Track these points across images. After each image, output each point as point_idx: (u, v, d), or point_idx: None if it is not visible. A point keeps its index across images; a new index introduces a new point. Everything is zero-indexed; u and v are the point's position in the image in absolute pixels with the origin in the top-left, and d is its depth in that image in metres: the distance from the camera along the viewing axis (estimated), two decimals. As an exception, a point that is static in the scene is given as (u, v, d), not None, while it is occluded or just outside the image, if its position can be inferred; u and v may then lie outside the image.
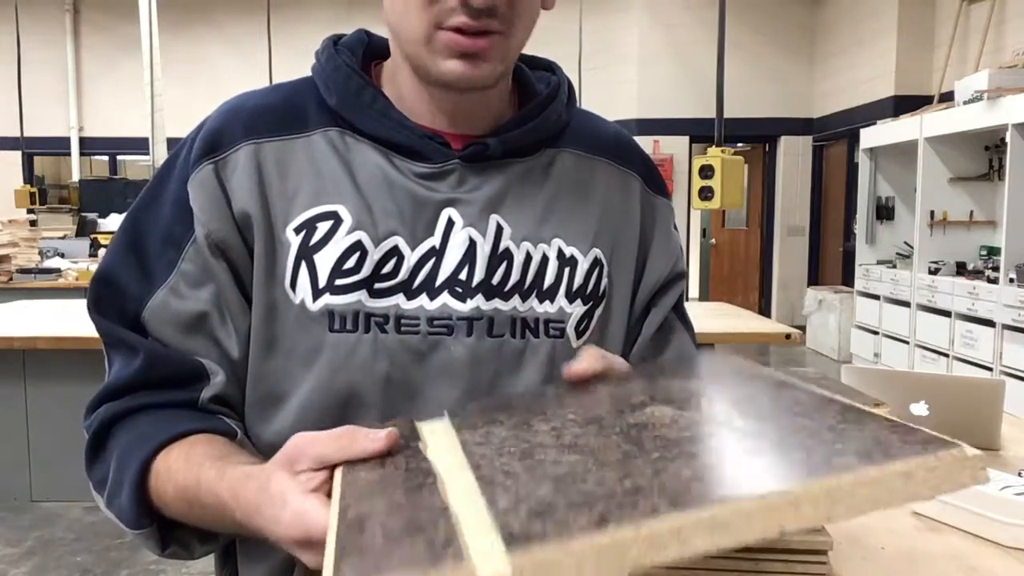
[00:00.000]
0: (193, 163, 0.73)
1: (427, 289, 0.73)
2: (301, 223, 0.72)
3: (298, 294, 0.72)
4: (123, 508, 0.67)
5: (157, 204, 0.75)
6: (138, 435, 0.69)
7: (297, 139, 0.74)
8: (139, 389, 0.72)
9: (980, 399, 1.69)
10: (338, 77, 0.76)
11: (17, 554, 3.35)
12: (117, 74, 10.33)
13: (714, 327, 3.63)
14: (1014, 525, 1.22)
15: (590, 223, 0.80)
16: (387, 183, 0.74)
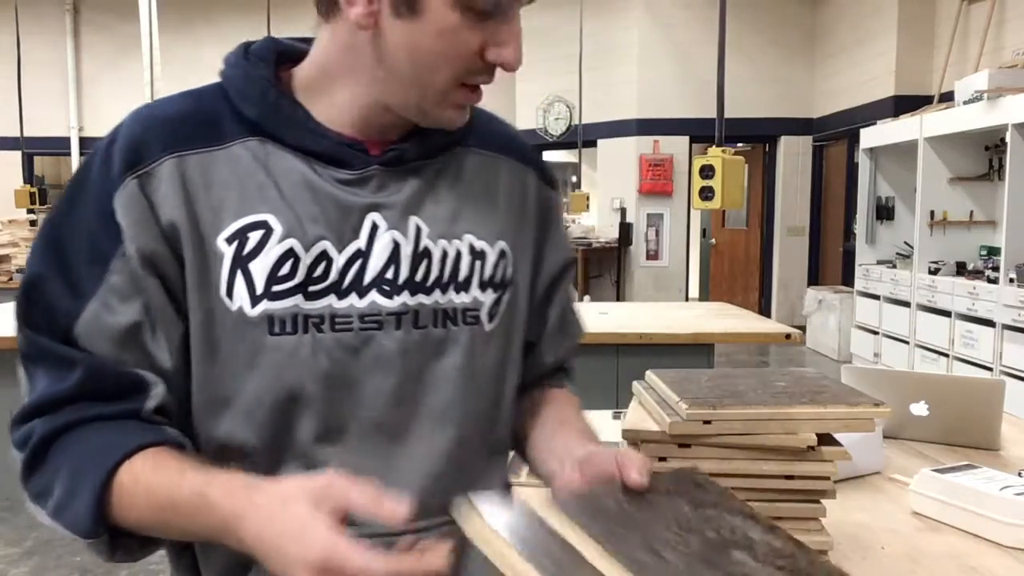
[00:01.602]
0: (117, 177, 0.74)
1: (356, 289, 0.78)
2: (232, 233, 0.75)
3: (235, 301, 0.75)
4: (79, 517, 0.69)
5: (77, 214, 0.76)
6: (93, 447, 0.71)
7: (218, 151, 0.76)
8: (77, 402, 0.73)
9: (980, 399, 1.69)
10: (255, 90, 0.78)
11: (17, 554, 3.35)
12: (117, 74, 10.33)
13: (714, 327, 3.63)
14: (1014, 525, 1.22)
15: (496, 217, 0.87)
16: (311, 190, 0.77)
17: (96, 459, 0.70)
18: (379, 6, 0.73)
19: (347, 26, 0.75)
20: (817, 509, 1.03)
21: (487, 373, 0.86)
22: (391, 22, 0.73)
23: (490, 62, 0.76)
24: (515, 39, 0.76)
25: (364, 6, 0.73)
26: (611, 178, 9.54)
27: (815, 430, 1.00)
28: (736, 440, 1.00)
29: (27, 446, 0.73)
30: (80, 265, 0.74)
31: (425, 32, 0.73)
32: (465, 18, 0.73)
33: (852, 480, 1.49)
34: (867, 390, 1.76)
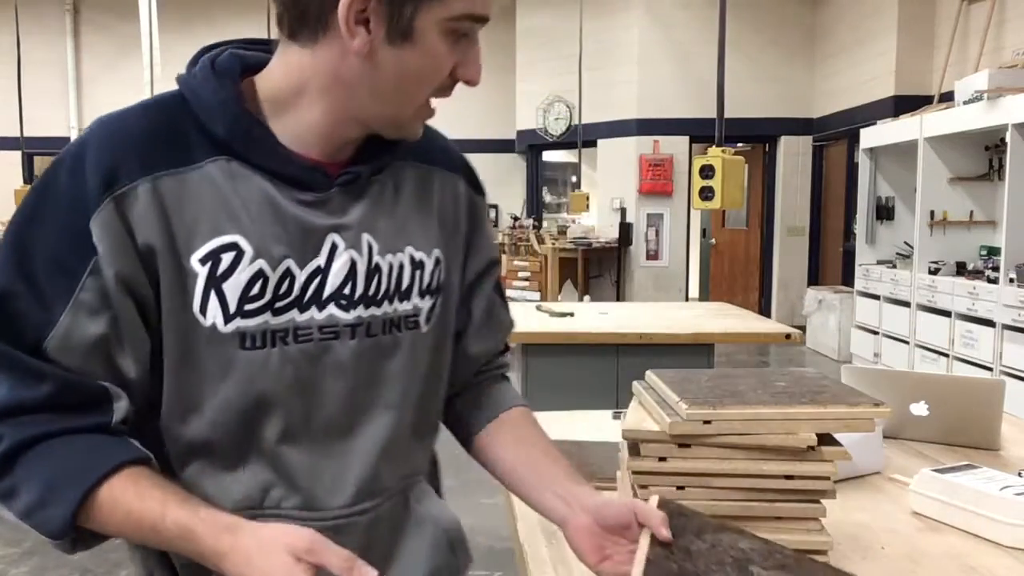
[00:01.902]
0: (94, 198, 0.76)
1: (316, 302, 0.84)
2: (205, 254, 0.79)
3: (208, 318, 0.80)
4: (51, 523, 0.75)
5: (44, 226, 0.77)
6: (70, 464, 0.76)
7: (191, 171, 0.80)
8: (44, 412, 0.77)
9: (980, 399, 1.69)
10: (225, 111, 0.81)
11: (17, 554, 3.35)
12: (117, 74, 10.33)
13: (714, 327, 3.63)
14: (1014, 525, 1.22)
15: (431, 227, 0.94)
16: (275, 211, 0.82)
17: (74, 476, 0.75)
18: (375, 35, 0.78)
19: (334, 51, 0.79)
20: (817, 509, 1.03)
21: (424, 369, 0.94)
22: (385, 49, 0.79)
23: (458, 79, 0.84)
24: (477, 57, 0.84)
25: (364, 35, 0.78)
26: (611, 178, 9.54)
27: (815, 430, 1.00)
28: (736, 440, 1.01)
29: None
30: (48, 278, 0.76)
31: (415, 57, 0.79)
32: (447, 42, 0.80)
33: (852, 480, 1.49)
34: (867, 390, 1.76)
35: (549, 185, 12.21)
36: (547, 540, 1.26)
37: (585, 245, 9.00)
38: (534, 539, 1.27)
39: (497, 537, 3.30)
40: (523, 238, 9.39)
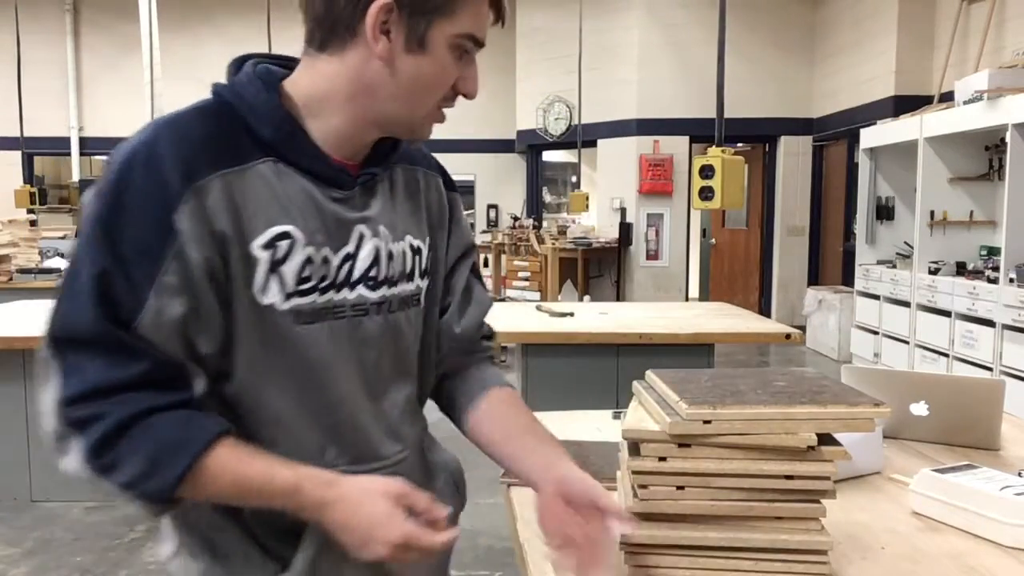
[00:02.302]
0: (177, 191, 0.86)
1: (347, 284, 0.98)
2: (266, 242, 0.91)
3: (269, 298, 0.91)
4: (155, 493, 0.85)
5: (128, 216, 0.86)
6: (173, 437, 0.86)
7: (247, 169, 0.91)
8: (140, 389, 0.85)
9: (980, 399, 1.69)
10: (275, 117, 0.94)
11: (17, 554, 3.35)
12: (117, 74, 10.34)
13: (714, 327, 3.63)
14: (1014, 525, 1.22)
15: (422, 219, 1.10)
16: (315, 206, 0.95)
17: (179, 448, 0.85)
18: (395, 43, 0.91)
19: (358, 58, 0.93)
20: (817, 509, 1.02)
21: (422, 340, 1.11)
22: (403, 56, 0.92)
23: (459, 91, 0.98)
24: (475, 74, 0.99)
25: (386, 43, 0.91)
26: (611, 178, 9.54)
27: (815, 430, 1.00)
28: (736, 440, 1.01)
29: (93, 427, 0.84)
30: (136, 263, 0.85)
31: (427, 65, 0.93)
32: (453, 56, 0.94)
33: (852, 480, 1.49)
34: (867, 390, 1.76)
35: (549, 185, 12.21)
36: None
37: (585, 245, 9.00)
38: (534, 539, 1.27)
39: (497, 537, 3.30)
40: (523, 238, 9.39)
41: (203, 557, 0.99)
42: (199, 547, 0.99)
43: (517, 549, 1.27)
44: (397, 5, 0.90)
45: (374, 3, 0.89)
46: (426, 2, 0.90)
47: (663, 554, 1.04)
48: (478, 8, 0.94)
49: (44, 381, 0.87)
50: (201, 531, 0.99)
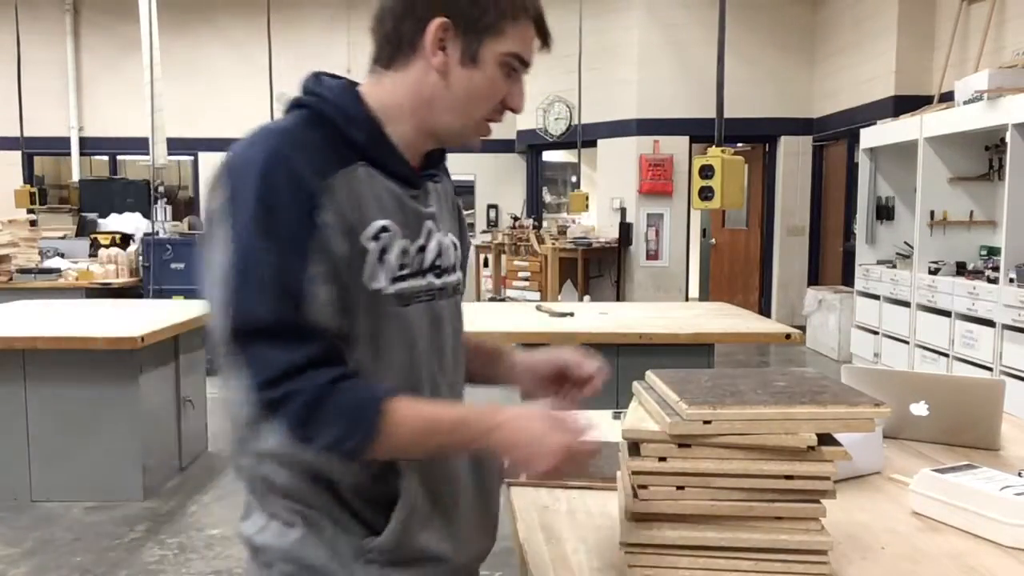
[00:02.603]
0: (317, 190, 0.98)
1: (422, 272, 1.11)
2: (373, 234, 1.03)
3: (376, 283, 1.03)
4: (357, 447, 0.97)
5: (280, 215, 0.97)
6: (358, 400, 0.98)
7: (351, 171, 1.03)
8: (319, 367, 0.97)
9: (980, 399, 1.69)
10: (368, 126, 1.07)
11: (17, 554, 3.35)
12: (117, 74, 10.33)
13: (714, 327, 3.63)
14: (1014, 525, 1.22)
15: (454, 217, 1.24)
16: (399, 203, 1.08)
17: (365, 409, 0.98)
18: (451, 58, 1.05)
19: (419, 72, 1.06)
20: (817, 509, 1.02)
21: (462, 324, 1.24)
22: (457, 69, 1.06)
23: (506, 106, 1.11)
24: (522, 91, 1.12)
25: (442, 57, 1.05)
26: (611, 178, 9.54)
27: (815, 430, 1.00)
28: (736, 440, 1.01)
29: (289, 403, 0.96)
30: (292, 258, 0.96)
31: (478, 78, 1.06)
32: (502, 73, 1.07)
33: (852, 480, 1.49)
34: (867, 390, 1.76)
35: (549, 185, 12.20)
36: (547, 540, 1.26)
37: (585, 245, 9.00)
38: (534, 539, 1.27)
39: (497, 537, 3.30)
40: (523, 238, 9.39)
41: (295, 528, 1.06)
42: (291, 518, 1.06)
43: (517, 549, 1.28)
44: (453, 24, 1.04)
45: (433, 21, 1.03)
46: (478, 22, 1.04)
47: (663, 554, 1.04)
48: (524, 32, 1.08)
49: (230, 374, 0.99)
50: (292, 504, 1.06)
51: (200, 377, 4.76)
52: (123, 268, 6.66)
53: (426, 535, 1.08)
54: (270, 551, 1.07)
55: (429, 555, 1.09)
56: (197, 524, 3.66)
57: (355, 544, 1.06)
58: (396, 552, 1.06)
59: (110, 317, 4.24)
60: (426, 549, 1.08)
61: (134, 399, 3.85)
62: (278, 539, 1.06)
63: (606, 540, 1.24)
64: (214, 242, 0.99)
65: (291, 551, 1.06)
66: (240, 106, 10.13)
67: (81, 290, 6.29)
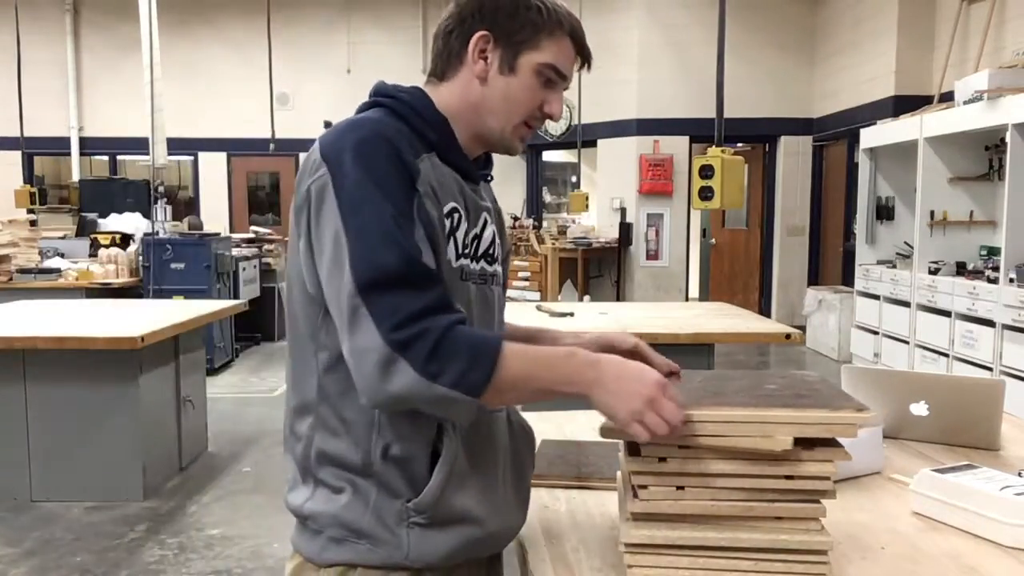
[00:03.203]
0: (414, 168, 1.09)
1: (475, 257, 1.21)
2: (447, 212, 1.14)
3: (447, 255, 1.13)
4: (477, 383, 1.03)
5: (386, 186, 1.07)
6: (479, 338, 1.06)
7: (426, 158, 1.14)
8: (439, 311, 1.04)
9: (980, 399, 1.69)
10: (440, 125, 1.19)
11: (17, 554, 3.35)
12: (117, 74, 10.33)
13: (714, 327, 3.63)
14: (1014, 525, 1.22)
15: (496, 212, 1.32)
16: (463, 192, 1.19)
17: (485, 344, 1.05)
18: (490, 66, 1.18)
19: (465, 80, 1.19)
20: (817, 509, 1.02)
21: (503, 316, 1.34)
22: (496, 77, 1.18)
23: (544, 112, 1.21)
24: (560, 100, 1.23)
25: (483, 66, 1.18)
26: (611, 178, 9.54)
27: (793, 434, 1.00)
28: (711, 442, 1.01)
29: (419, 342, 1.02)
30: (403, 223, 1.06)
31: (515, 86, 1.19)
32: (538, 81, 1.19)
33: (852, 480, 1.49)
34: (867, 390, 1.77)
35: (549, 185, 12.20)
36: (547, 540, 1.26)
37: (585, 245, 9.00)
38: (534, 539, 1.27)
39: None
40: (523, 238, 9.39)
41: (343, 494, 1.13)
42: (340, 484, 1.13)
43: (517, 549, 1.28)
44: (494, 37, 1.17)
45: (475, 35, 1.17)
46: (515, 35, 1.17)
47: (663, 554, 1.04)
48: (560, 46, 1.19)
49: (353, 330, 1.04)
50: (340, 472, 1.13)
51: (200, 377, 4.76)
52: (123, 268, 6.66)
53: (463, 496, 1.13)
54: (320, 517, 1.13)
55: (467, 516, 1.14)
56: (197, 524, 3.66)
57: (399, 508, 1.11)
58: (435, 511, 1.11)
59: (110, 317, 4.24)
60: (464, 510, 1.13)
61: (134, 399, 3.85)
62: (326, 505, 1.13)
63: (606, 540, 1.24)
64: (323, 215, 1.07)
65: (339, 515, 1.12)
66: (240, 106, 10.15)
67: (81, 290, 6.29)
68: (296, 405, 1.17)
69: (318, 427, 1.14)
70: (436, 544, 1.12)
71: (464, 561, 1.16)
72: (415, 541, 1.11)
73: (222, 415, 5.42)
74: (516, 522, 1.25)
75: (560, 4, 1.21)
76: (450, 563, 1.14)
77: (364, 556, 1.12)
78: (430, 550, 1.11)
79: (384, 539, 1.11)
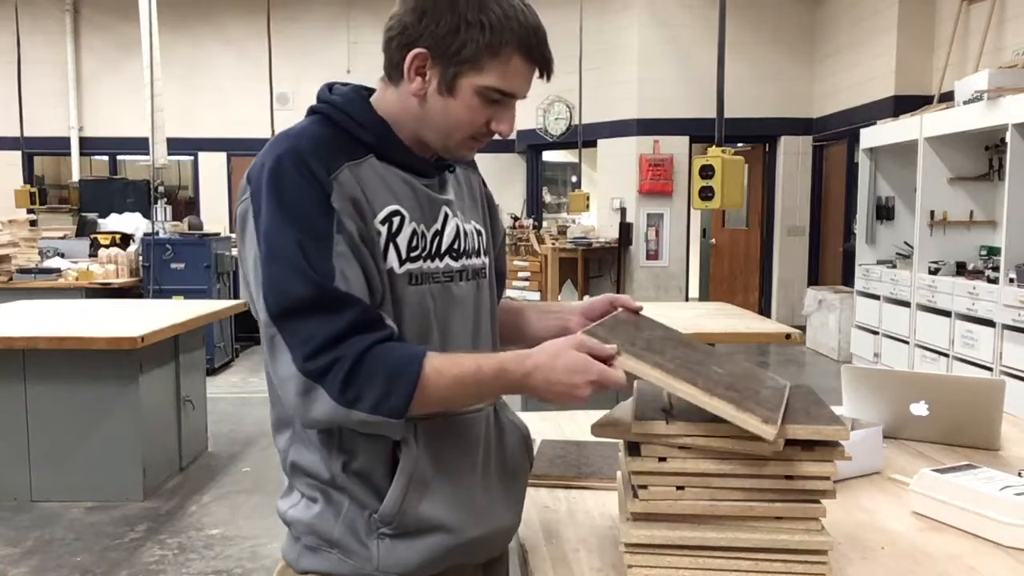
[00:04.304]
0: (326, 182, 1.06)
1: (438, 255, 1.16)
2: (383, 218, 1.10)
3: (388, 264, 1.10)
4: (397, 407, 1.01)
5: (298, 210, 1.04)
6: (396, 360, 1.03)
7: (360, 163, 1.10)
8: (355, 334, 1.02)
9: (980, 399, 1.69)
10: (376, 126, 1.14)
11: (17, 554, 3.35)
12: (117, 74, 10.33)
13: (714, 327, 3.63)
14: (1014, 525, 1.22)
15: (478, 207, 1.30)
16: (412, 190, 1.15)
17: (404, 368, 1.02)
18: (428, 85, 1.10)
19: (405, 92, 1.12)
20: (817, 509, 1.03)
21: (490, 308, 1.28)
22: (434, 96, 1.11)
23: (491, 130, 1.15)
24: (511, 118, 1.16)
25: (420, 83, 1.11)
26: (611, 178, 9.54)
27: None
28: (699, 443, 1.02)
29: (333, 371, 1.01)
30: (314, 242, 1.03)
31: (454, 107, 1.11)
32: (481, 101, 1.11)
33: (852, 480, 1.49)
34: (867, 390, 1.77)
35: (549, 185, 12.20)
36: (547, 540, 1.26)
37: (585, 245, 9.00)
38: (534, 539, 1.27)
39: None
40: (523, 238, 9.39)
41: (317, 503, 1.13)
42: (313, 494, 1.14)
43: (517, 549, 1.28)
44: (431, 55, 1.09)
45: (411, 51, 1.09)
46: (454, 56, 1.08)
47: (663, 554, 1.04)
48: (508, 65, 1.10)
49: (273, 358, 1.04)
50: (313, 481, 1.14)
51: (200, 377, 4.76)
52: (123, 268, 6.66)
53: (430, 504, 1.11)
54: (298, 525, 1.15)
55: (437, 524, 1.11)
56: (197, 524, 3.66)
57: (367, 520, 1.11)
58: (400, 521, 1.09)
59: (110, 317, 4.24)
60: (433, 518, 1.11)
61: (134, 399, 3.85)
62: (303, 513, 1.14)
63: (606, 540, 1.24)
64: (245, 241, 1.07)
65: (312, 524, 1.13)
66: (240, 106, 10.14)
67: (81, 290, 6.29)
68: (275, 420, 1.18)
69: (294, 440, 1.16)
70: (406, 554, 1.10)
71: (448, 569, 1.14)
72: (384, 552, 1.10)
73: (222, 415, 5.42)
74: (504, 523, 1.21)
75: (517, 7, 1.10)
76: (428, 573, 1.12)
77: (336, 566, 1.12)
78: (400, 561, 1.10)
79: (354, 550, 1.11)
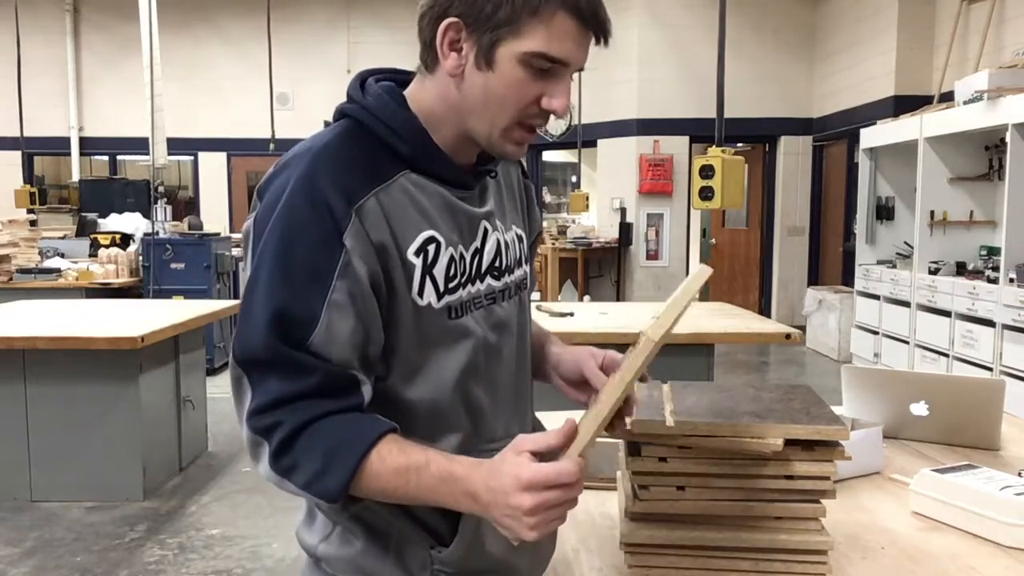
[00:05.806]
0: (342, 215, 0.94)
1: (479, 276, 1.06)
2: (417, 248, 0.98)
3: (425, 298, 0.99)
4: (330, 490, 0.91)
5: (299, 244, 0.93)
6: (341, 438, 0.92)
7: (391, 185, 0.98)
8: (313, 399, 0.92)
9: (980, 399, 1.69)
10: (412, 134, 1.01)
11: (17, 554, 3.35)
12: (117, 74, 10.32)
13: (714, 327, 3.63)
14: (1014, 525, 1.22)
15: (518, 209, 1.19)
16: (450, 208, 1.03)
17: (347, 447, 0.91)
18: (465, 60, 0.96)
19: (443, 76, 0.99)
20: (817, 509, 1.03)
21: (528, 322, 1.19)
22: (472, 72, 0.96)
23: (543, 109, 0.98)
24: (564, 92, 0.98)
25: (455, 60, 0.96)
26: (611, 178, 9.54)
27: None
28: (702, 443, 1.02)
29: (274, 433, 0.92)
30: (306, 285, 0.93)
31: (496, 81, 0.96)
32: (527, 73, 0.95)
33: (852, 480, 1.49)
34: (867, 390, 1.77)
35: (549, 185, 12.20)
36: (547, 540, 1.26)
37: (585, 245, 9.00)
38: (534, 539, 1.27)
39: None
40: (523, 238, 9.37)
41: (359, 538, 1.03)
42: (353, 527, 1.03)
43: (517, 549, 1.27)
44: (464, 24, 0.95)
45: (443, 22, 0.95)
46: (489, 20, 0.93)
47: (663, 554, 1.04)
48: (550, 27, 0.93)
49: (236, 398, 0.96)
50: (356, 513, 1.02)
51: (200, 377, 4.76)
52: (123, 268, 6.65)
53: (494, 541, 1.02)
54: (335, 562, 1.04)
55: (499, 564, 1.05)
56: (197, 524, 3.66)
57: (422, 555, 1.02)
58: (466, 562, 1.02)
59: (110, 317, 4.24)
60: (496, 558, 1.04)
61: (134, 399, 3.85)
62: (342, 549, 1.04)
63: (606, 540, 1.24)
64: (246, 257, 1.00)
65: (355, 561, 1.03)
66: (240, 106, 10.14)
67: (81, 290, 6.29)
68: None
69: None
70: None
71: None
72: None
73: (222, 415, 5.41)
74: (548, 553, 1.16)
75: None
76: None
77: None
78: None
79: None
